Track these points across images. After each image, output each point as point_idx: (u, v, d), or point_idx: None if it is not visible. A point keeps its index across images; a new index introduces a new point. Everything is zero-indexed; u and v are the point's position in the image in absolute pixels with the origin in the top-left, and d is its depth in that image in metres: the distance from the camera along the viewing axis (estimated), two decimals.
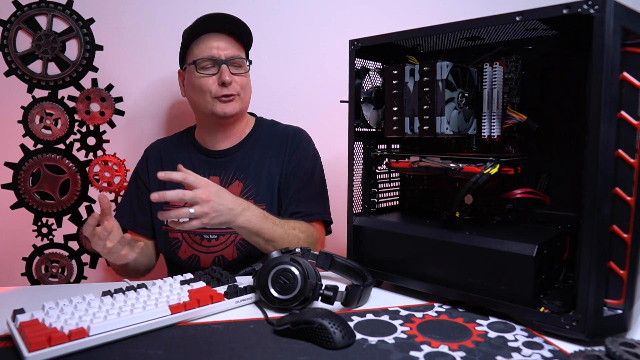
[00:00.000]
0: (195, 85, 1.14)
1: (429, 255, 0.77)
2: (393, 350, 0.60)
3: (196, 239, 1.15)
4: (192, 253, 1.16)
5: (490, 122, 0.83)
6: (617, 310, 0.61)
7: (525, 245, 0.67)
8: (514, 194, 0.81)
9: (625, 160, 0.60)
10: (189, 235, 1.16)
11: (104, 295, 0.71)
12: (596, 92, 0.58)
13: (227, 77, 1.10)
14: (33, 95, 1.26)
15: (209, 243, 1.15)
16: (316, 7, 1.44)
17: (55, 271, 1.29)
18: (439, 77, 0.77)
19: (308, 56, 1.45)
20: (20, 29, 1.23)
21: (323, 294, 0.72)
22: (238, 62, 1.15)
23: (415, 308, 0.74)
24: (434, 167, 0.81)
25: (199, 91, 1.14)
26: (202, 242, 1.15)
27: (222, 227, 0.95)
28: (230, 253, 1.14)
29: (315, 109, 1.44)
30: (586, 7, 0.58)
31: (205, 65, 1.13)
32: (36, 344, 0.56)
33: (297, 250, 0.85)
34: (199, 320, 0.70)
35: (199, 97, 1.15)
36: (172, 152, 1.23)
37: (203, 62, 1.12)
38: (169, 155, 1.23)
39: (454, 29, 0.74)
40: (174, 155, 1.22)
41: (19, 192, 1.25)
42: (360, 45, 0.84)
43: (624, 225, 0.60)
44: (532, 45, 0.82)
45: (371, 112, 0.89)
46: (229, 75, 1.11)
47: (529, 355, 0.59)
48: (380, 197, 0.95)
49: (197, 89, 1.14)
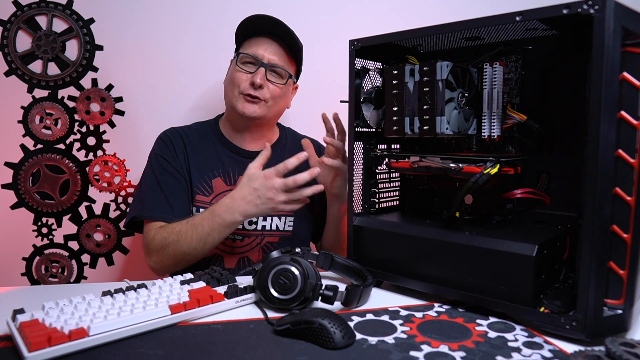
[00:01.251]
0: (231, 76, 1.15)
1: (429, 255, 0.77)
2: (393, 350, 0.60)
3: None
4: (215, 252, 1.13)
5: (490, 122, 0.83)
6: (617, 310, 0.61)
7: (525, 245, 0.67)
8: (514, 194, 0.81)
9: (625, 160, 0.60)
10: None
11: (104, 295, 0.71)
12: (596, 92, 0.58)
13: (258, 79, 1.10)
14: (33, 95, 1.26)
15: (233, 243, 1.14)
16: (316, 7, 1.44)
17: (55, 271, 1.29)
18: (439, 77, 0.77)
19: (308, 56, 1.44)
20: (20, 29, 1.23)
21: (323, 294, 0.72)
22: (279, 72, 1.14)
23: (415, 308, 0.74)
24: (434, 167, 0.81)
25: (231, 83, 1.14)
26: (227, 242, 1.13)
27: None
28: (255, 255, 1.14)
29: (316, 109, 1.44)
30: (586, 7, 0.58)
31: (246, 61, 1.13)
32: (36, 344, 0.56)
33: (297, 250, 0.85)
34: (199, 320, 0.70)
35: (229, 88, 1.15)
36: (194, 142, 1.18)
37: (246, 57, 1.13)
38: (192, 146, 1.17)
39: (454, 29, 0.74)
40: (197, 144, 1.18)
41: (19, 192, 1.25)
42: (360, 45, 0.84)
43: (624, 225, 0.60)
44: (532, 45, 0.82)
45: (371, 112, 0.89)
46: (262, 79, 1.11)
47: (529, 355, 0.59)
48: (380, 197, 0.95)
49: (230, 81, 1.15)
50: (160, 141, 1.18)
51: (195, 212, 1.12)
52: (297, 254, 0.83)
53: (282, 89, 1.16)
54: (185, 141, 1.17)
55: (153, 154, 1.16)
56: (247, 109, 1.12)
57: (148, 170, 1.15)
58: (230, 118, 1.21)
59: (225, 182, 1.15)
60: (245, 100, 1.12)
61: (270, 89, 1.13)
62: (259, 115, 1.13)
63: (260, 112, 1.13)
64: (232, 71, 1.16)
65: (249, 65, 1.13)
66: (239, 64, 1.13)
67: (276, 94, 1.14)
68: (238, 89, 1.12)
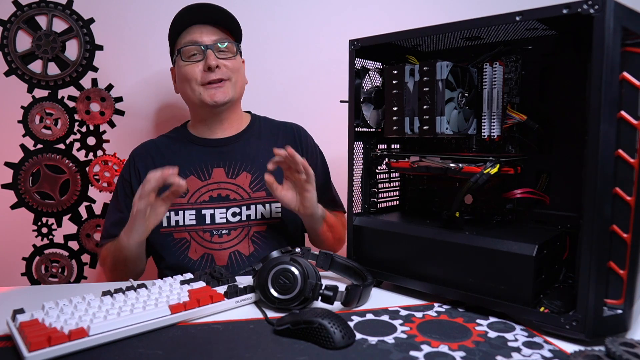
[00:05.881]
0: (182, 75, 1.10)
1: (429, 255, 0.77)
2: (393, 350, 0.60)
3: (206, 236, 1.09)
4: (203, 252, 1.09)
5: (490, 122, 0.83)
6: (617, 310, 0.61)
7: (525, 245, 0.67)
8: (514, 194, 0.81)
9: (625, 160, 0.60)
10: (197, 233, 1.09)
11: (104, 295, 0.71)
12: (596, 92, 0.58)
13: (212, 61, 1.05)
14: (33, 95, 1.26)
15: (220, 239, 1.09)
16: (316, 7, 1.45)
17: (55, 271, 1.30)
18: (439, 77, 0.77)
19: (308, 56, 1.45)
20: (20, 29, 1.23)
21: (323, 294, 0.72)
22: (226, 47, 1.09)
23: (415, 308, 0.74)
24: (434, 167, 0.81)
25: (186, 80, 1.09)
26: (213, 239, 1.09)
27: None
28: (245, 247, 1.10)
29: (315, 109, 1.44)
30: (586, 7, 0.58)
31: (189, 51, 1.08)
32: (36, 344, 0.56)
33: (297, 250, 0.85)
34: (199, 320, 0.70)
35: (187, 86, 1.10)
36: (165, 152, 1.15)
37: (187, 48, 1.08)
38: (161, 153, 1.14)
39: (454, 29, 0.74)
40: (166, 151, 1.15)
41: (19, 192, 1.26)
42: (360, 45, 0.84)
43: (624, 225, 0.60)
44: (532, 45, 0.82)
45: (371, 112, 0.89)
46: (215, 59, 1.06)
47: (529, 355, 0.59)
48: (380, 197, 0.95)
49: (183, 79, 1.09)
50: (126, 162, 1.16)
51: (173, 215, 1.08)
52: (297, 254, 0.83)
53: (237, 61, 1.12)
54: (153, 151, 1.14)
55: (119, 175, 1.16)
56: (217, 97, 1.07)
57: (118, 188, 1.15)
58: (198, 117, 1.16)
59: (199, 178, 1.11)
60: (211, 88, 1.07)
61: (229, 65, 1.09)
62: (231, 97, 1.09)
63: (231, 94, 1.09)
64: (180, 71, 1.10)
65: (195, 56, 1.08)
66: (185, 59, 1.08)
67: (235, 68, 1.10)
68: (195, 82, 1.07)
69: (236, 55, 1.11)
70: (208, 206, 1.09)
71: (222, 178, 1.12)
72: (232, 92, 1.10)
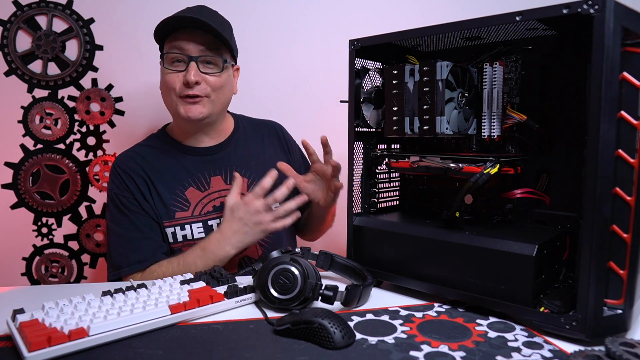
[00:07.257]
0: (163, 81, 1.05)
1: (429, 255, 0.77)
2: (393, 350, 0.60)
3: None
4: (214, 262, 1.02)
5: (490, 122, 0.83)
6: (617, 310, 0.61)
7: (525, 245, 0.67)
8: (514, 194, 0.81)
9: (625, 160, 0.60)
10: None
11: (103, 295, 0.71)
12: (596, 92, 0.58)
13: (191, 77, 0.99)
14: (33, 95, 1.26)
15: None
16: (316, 7, 1.45)
17: (55, 271, 1.30)
18: (439, 77, 0.77)
19: (308, 56, 1.45)
20: (20, 29, 1.24)
21: (323, 294, 0.72)
22: (212, 60, 1.03)
23: (415, 308, 0.74)
24: (434, 167, 0.81)
25: (165, 88, 1.04)
26: None
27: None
28: (254, 252, 1.10)
29: (316, 109, 1.45)
30: (586, 7, 0.58)
31: (173, 59, 1.02)
32: (36, 344, 0.56)
33: (297, 250, 0.85)
34: (198, 320, 0.70)
35: (166, 95, 1.05)
36: (152, 161, 1.08)
37: (171, 55, 1.02)
38: (151, 165, 1.07)
39: (454, 29, 0.74)
40: (156, 163, 1.08)
41: (19, 192, 1.26)
42: (360, 45, 0.84)
43: (624, 225, 0.60)
44: (532, 45, 0.82)
45: (371, 112, 0.89)
46: (195, 74, 0.99)
47: (529, 355, 0.59)
48: (380, 197, 0.95)
49: (164, 86, 1.04)
50: (114, 176, 1.07)
51: (179, 230, 1.05)
52: (297, 254, 0.83)
53: (221, 78, 1.04)
54: (142, 164, 1.07)
55: (112, 193, 1.06)
56: (190, 112, 1.01)
57: (112, 214, 1.06)
58: (179, 124, 1.11)
59: (199, 189, 1.08)
60: (186, 103, 1.01)
61: (210, 82, 1.02)
62: (205, 114, 1.03)
63: (206, 111, 1.03)
64: (162, 77, 1.05)
65: (178, 64, 1.02)
66: (167, 65, 1.02)
67: (217, 85, 1.03)
68: (174, 93, 1.02)
69: (222, 71, 1.04)
70: (214, 216, 1.08)
71: (221, 186, 1.10)
72: (209, 109, 1.04)
